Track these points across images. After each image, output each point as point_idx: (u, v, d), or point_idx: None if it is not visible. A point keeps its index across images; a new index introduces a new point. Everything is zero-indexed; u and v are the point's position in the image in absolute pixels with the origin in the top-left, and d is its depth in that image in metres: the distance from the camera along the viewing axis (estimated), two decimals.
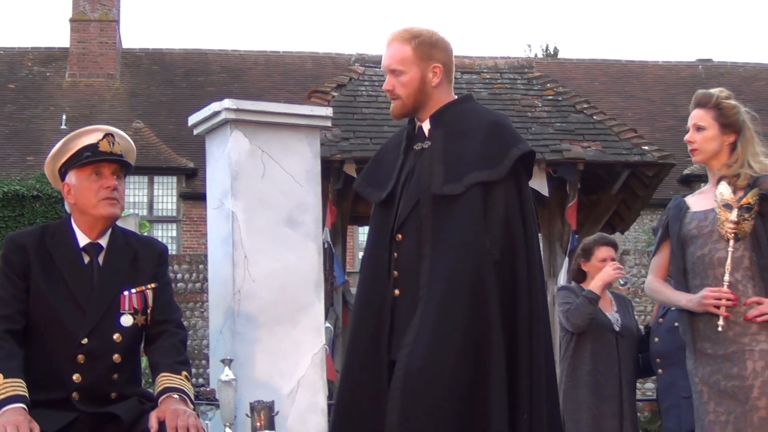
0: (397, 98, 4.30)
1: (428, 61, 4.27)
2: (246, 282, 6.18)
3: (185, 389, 4.42)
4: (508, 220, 4.11)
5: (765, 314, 4.72)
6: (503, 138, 4.19)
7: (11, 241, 4.53)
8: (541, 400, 4.07)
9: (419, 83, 4.26)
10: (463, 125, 4.26)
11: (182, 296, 15.87)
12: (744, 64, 30.66)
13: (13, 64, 27.97)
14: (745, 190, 4.82)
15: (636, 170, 13.74)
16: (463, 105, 4.36)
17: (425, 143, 4.29)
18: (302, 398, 6.19)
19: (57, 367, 4.39)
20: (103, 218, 4.50)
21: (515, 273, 4.09)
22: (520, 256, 4.11)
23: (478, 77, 14.80)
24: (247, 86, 26.82)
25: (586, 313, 6.63)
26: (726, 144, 4.93)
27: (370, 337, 4.23)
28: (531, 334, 4.08)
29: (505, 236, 4.09)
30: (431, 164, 4.21)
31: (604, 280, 6.70)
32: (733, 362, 4.74)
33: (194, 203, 23.51)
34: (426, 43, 4.29)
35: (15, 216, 21.07)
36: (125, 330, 4.48)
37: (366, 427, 4.15)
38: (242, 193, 6.28)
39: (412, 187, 4.24)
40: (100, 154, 4.50)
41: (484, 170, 4.11)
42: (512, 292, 4.08)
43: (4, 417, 4.08)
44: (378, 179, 4.41)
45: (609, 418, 6.62)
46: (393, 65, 4.28)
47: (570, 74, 28.19)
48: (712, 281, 4.81)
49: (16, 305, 4.40)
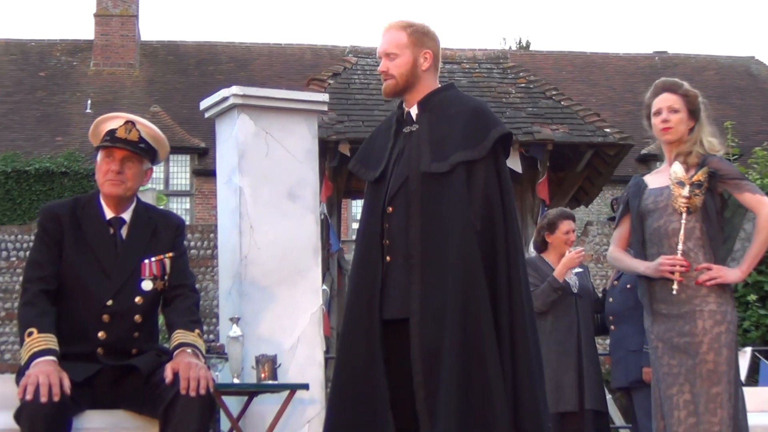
0: (391, 78, 4.30)
1: (420, 48, 4.30)
2: (252, 249, 6.17)
3: (197, 345, 4.43)
4: (488, 195, 4.11)
5: (714, 279, 4.75)
6: (484, 121, 4.21)
7: (47, 210, 4.55)
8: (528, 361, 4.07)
9: (411, 66, 4.28)
10: (447, 110, 4.26)
11: (195, 262, 15.83)
12: (695, 56, 30.60)
13: (44, 54, 27.84)
14: (696, 168, 4.84)
15: (599, 150, 13.76)
16: (446, 92, 4.37)
17: (413, 126, 4.30)
18: (302, 352, 6.19)
19: (84, 325, 4.40)
20: (106, 196, 4.53)
21: (495, 243, 4.10)
22: (499, 227, 4.12)
23: (458, 67, 14.78)
24: (253, 75, 26.72)
25: (548, 300, 6.65)
26: (688, 128, 4.95)
27: (365, 299, 4.25)
28: (511, 298, 4.07)
29: (485, 209, 4.10)
30: (419, 145, 4.22)
31: (567, 266, 6.69)
32: (685, 321, 4.76)
33: (205, 179, 23.47)
34: (419, 31, 4.32)
35: (46, 190, 21.02)
36: (146, 294, 4.50)
37: (362, 376, 4.17)
38: (248, 170, 6.27)
39: (402, 165, 4.25)
40: (116, 140, 4.52)
41: (467, 150, 4.13)
42: (492, 260, 4.08)
43: (37, 367, 4.10)
44: (371, 160, 4.42)
45: (568, 371, 6.61)
46: (389, 49, 4.30)
47: (540, 64, 28.11)
48: (668, 250, 4.83)
49: (50, 268, 4.42)
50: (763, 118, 27.03)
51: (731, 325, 4.76)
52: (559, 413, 6.53)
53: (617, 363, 6.80)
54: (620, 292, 6.86)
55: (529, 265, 6.71)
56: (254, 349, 5.83)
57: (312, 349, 6.26)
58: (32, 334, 4.23)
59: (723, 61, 30.11)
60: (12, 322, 15.10)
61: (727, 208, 4.96)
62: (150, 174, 4.72)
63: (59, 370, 4.12)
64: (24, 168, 21.04)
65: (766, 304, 13.55)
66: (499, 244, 4.10)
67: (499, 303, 4.05)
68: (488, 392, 3.94)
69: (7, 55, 27.64)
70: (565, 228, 6.89)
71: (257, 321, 6.07)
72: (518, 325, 4.07)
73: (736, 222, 4.99)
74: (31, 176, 21.12)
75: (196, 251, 16.12)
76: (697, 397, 4.68)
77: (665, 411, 4.80)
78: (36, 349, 4.19)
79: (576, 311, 6.75)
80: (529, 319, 4.14)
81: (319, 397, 6.10)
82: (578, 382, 6.59)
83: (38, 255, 4.46)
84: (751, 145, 18.51)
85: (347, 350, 4.29)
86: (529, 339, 4.11)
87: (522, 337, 4.07)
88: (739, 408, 4.76)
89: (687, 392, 4.72)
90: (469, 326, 3.99)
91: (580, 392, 6.58)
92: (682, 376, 4.74)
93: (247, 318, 5.98)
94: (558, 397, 6.54)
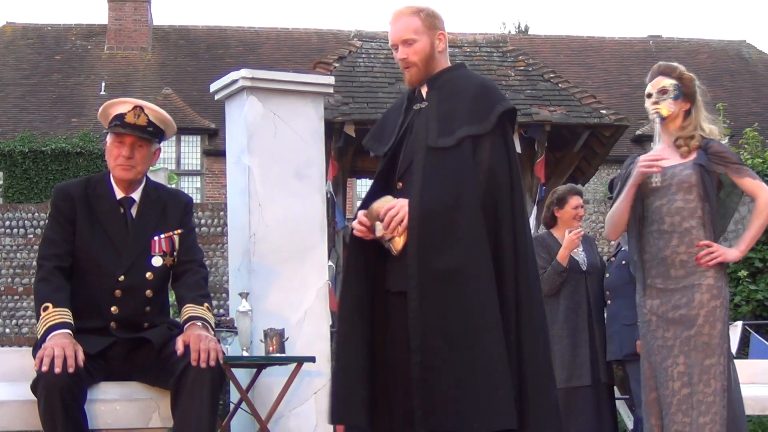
0: (412, 65, 4.21)
1: (434, 30, 4.23)
2: (260, 226, 6.16)
3: (207, 318, 4.44)
4: (492, 167, 4.03)
5: (714, 257, 4.74)
6: (489, 97, 4.15)
7: (60, 190, 4.55)
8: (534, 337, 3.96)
9: (430, 49, 4.21)
10: (455, 87, 4.21)
11: (205, 239, 15.80)
12: (689, 40, 30.48)
13: (59, 38, 27.78)
14: (698, 152, 4.84)
15: (595, 131, 13.71)
16: (456, 71, 4.31)
17: (423, 104, 4.24)
18: (308, 326, 6.18)
19: (98, 300, 4.41)
20: (117, 179, 4.52)
21: (498, 214, 4.01)
22: (505, 201, 4.03)
23: (459, 50, 14.71)
24: (261, 58, 26.67)
25: (555, 284, 6.63)
26: (682, 110, 4.94)
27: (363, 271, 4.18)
28: (516, 267, 3.98)
29: (491, 182, 4.01)
30: (427, 121, 4.16)
31: (569, 248, 6.65)
32: (682, 294, 4.75)
33: (215, 159, 23.46)
34: (431, 14, 4.25)
35: (62, 170, 21.03)
36: (156, 269, 4.50)
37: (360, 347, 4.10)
38: (257, 150, 6.25)
39: (411, 141, 4.18)
40: (126, 125, 4.51)
41: (473, 125, 4.07)
42: (496, 231, 3.99)
43: (53, 340, 4.11)
44: (382, 136, 4.37)
45: (582, 347, 6.61)
46: (405, 35, 4.19)
47: (539, 48, 28.03)
48: (668, 227, 4.82)
49: (64, 246, 4.43)
50: (753, 100, 26.96)
51: (725, 301, 4.76)
52: (572, 387, 6.53)
53: (612, 336, 6.79)
54: (617, 268, 6.84)
55: (538, 243, 6.71)
56: (263, 323, 5.82)
57: (318, 323, 6.25)
58: (47, 309, 4.24)
59: (715, 45, 30.00)
60: (29, 298, 15.11)
61: (722, 189, 4.96)
62: (159, 153, 4.71)
63: (74, 342, 4.12)
64: (41, 148, 21.05)
65: (756, 279, 13.57)
66: (505, 217, 4.02)
67: (504, 272, 3.96)
68: (490, 376, 3.82)
69: (24, 40, 27.60)
70: (575, 203, 6.85)
71: (266, 296, 6.06)
72: (523, 296, 3.98)
73: (730, 204, 4.99)
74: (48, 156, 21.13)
75: (207, 229, 16.10)
76: (691, 368, 4.67)
77: (659, 382, 4.79)
78: (51, 323, 4.20)
79: (586, 289, 6.74)
80: (536, 290, 4.06)
81: (325, 369, 6.09)
82: (591, 357, 6.60)
83: (52, 233, 4.47)
84: (742, 126, 18.45)
85: (341, 321, 4.22)
86: (535, 311, 4.01)
87: (527, 310, 3.97)
88: (732, 380, 4.76)
89: (681, 364, 4.71)
90: (471, 297, 3.88)
91: (594, 367, 6.59)
92: (676, 348, 4.73)
93: (255, 293, 5.98)
94: (572, 373, 6.55)
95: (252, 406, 5.62)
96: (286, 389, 5.71)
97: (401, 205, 3.99)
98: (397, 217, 3.98)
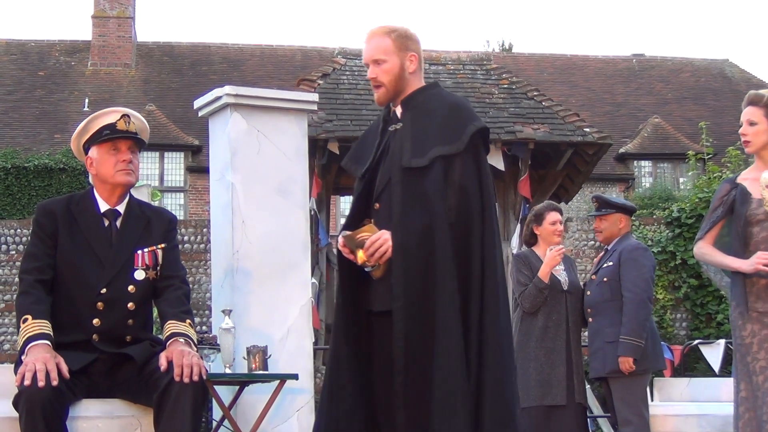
0: (381, 86, 4.29)
1: (405, 51, 4.28)
2: (243, 243, 6.17)
3: (189, 334, 4.44)
4: (464, 187, 4.10)
5: None
6: (461, 117, 4.21)
7: (42, 207, 4.58)
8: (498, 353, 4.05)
9: (399, 70, 4.27)
10: (428, 107, 4.27)
11: (188, 255, 15.77)
12: (672, 58, 30.59)
13: (43, 54, 27.74)
14: None
15: (578, 149, 13.80)
16: (430, 90, 4.37)
17: (398, 124, 4.30)
18: (291, 343, 6.20)
19: (80, 312, 4.42)
20: (120, 186, 4.56)
21: (470, 235, 4.09)
22: (476, 220, 4.11)
23: (443, 68, 14.78)
24: (245, 75, 26.67)
25: (536, 302, 6.65)
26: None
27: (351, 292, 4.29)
28: (483, 287, 4.06)
29: (461, 201, 4.09)
30: (402, 142, 4.22)
31: (550, 265, 6.67)
32: None
33: (199, 175, 23.45)
34: (402, 35, 4.30)
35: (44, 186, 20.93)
36: (138, 283, 4.51)
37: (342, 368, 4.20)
38: (240, 167, 6.27)
39: (387, 163, 4.25)
40: (118, 132, 4.54)
41: (445, 145, 4.13)
42: (466, 250, 4.07)
43: (33, 354, 4.11)
44: (360, 157, 4.42)
45: (559, 366, 6.61)
46: (376, 55, 4.27)
47: (522, 66, 28.12)
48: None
49: (45, 260, 4.44)
50: (736, 119, 26.56)
51: None
52: (547, 406, 6.54)
53: (595, 354, 6.80)
54: (597, 286, 6.85)
55: (521, 261, 6.78)
56: (246, 340, 5.83)
57: (301, 340, 6.26)
58: (27, 321, 4.26)
59: (698, 64, 30.13)
60: (11, 314, 15.06)
61: None
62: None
63: (55, 355, 4.13)
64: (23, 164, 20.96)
65: None
66: (474, 236, 4.09)
67: (470, 292, 4.05)
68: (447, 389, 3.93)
69: (7, 55, 27.55)
70: (552, 219, 6.86)
71: (249, 313, 6.07)
72: (489, 317, 4.05)
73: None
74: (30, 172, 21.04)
75: (190, 245, 16.07)
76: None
77: (761, 402, 4.84)
78: (30, 334, 4.22)
79: (566, 307, 6.75)
80: (503, 311, 4.13)
81: (308, 386, 6.10)
82: (567, 377, 6.60)
83: (34, 248, 4.49)
84: (725, 144, 18.55)
85: (334, 341, 4.30)
86: (501, 330, 4.09)
87: (492, 329, 4.04)
88: None
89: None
90: (428, 320, 4.00)
91: (569, 386, 6.59)
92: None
93: (238, 310, 5.98)
94: (547, 392, 6.55)
95: (235, 424, 5.61)
96: (269, 406, 5.71)
97: (385, 238, 4.08)
98: (381, 249, 4.07)
